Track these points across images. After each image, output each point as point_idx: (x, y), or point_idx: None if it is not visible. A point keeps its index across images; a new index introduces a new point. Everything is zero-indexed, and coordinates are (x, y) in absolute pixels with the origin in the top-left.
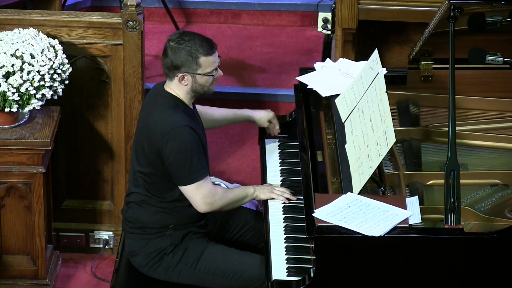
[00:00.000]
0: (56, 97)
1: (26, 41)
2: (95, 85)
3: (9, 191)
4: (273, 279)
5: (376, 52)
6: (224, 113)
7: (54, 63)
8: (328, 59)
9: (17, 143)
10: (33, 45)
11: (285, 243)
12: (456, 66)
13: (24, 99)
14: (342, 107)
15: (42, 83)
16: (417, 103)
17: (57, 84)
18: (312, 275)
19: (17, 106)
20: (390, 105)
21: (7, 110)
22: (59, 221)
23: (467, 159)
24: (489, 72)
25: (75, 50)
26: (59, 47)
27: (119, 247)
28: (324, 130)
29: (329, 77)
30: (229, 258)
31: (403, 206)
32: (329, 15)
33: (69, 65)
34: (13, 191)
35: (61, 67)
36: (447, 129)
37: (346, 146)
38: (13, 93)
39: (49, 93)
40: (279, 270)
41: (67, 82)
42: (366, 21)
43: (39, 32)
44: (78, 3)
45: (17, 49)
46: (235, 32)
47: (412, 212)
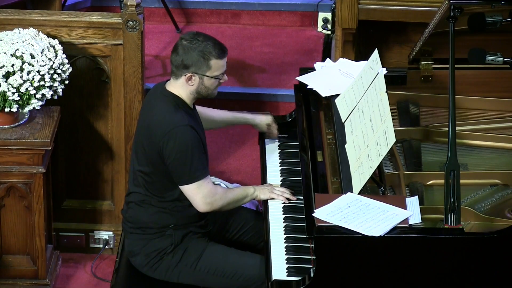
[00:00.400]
0: (56, 97)
1: (26, 41)
2: (95, 85)
3: (9, 191)
4: (273, 279)
5: (376, 52)
6: (223, 115)
7: (54, 63)
8: (328, 59)
9: (17, 143)
10: (33, 45)
11: (285, 243)
12: (456, 66)
13: (24, 99)
14: (342, 107)
15: (42, 83)
16: (417, 103)
17: (57, 84)
18: (312, 275)
19: (17, 106)
20: (390, 105)
21: (7, 110)
22: (59, 221)
23: (467, 159)
24: (489, 72)
25: (75, 50)
26: (59, 47)
27: (119, 247)
28: (324, 130)
29: (329, 77)
30: (229, 258)
31: (403, 206)
32: (329, 15)
33: (69, 65)
34: (13, 191)
35: (61, 67)
36: (447, 129)
37: (346, 146)
38: (13, 93)
39: (49, 93)
40: (279, 270)
41: (67, 82)
42: (366, 21)
43: (39, 32)
44: (78, 3)
45: (17, 49)
46: (235, 32)
47: (412, 212)
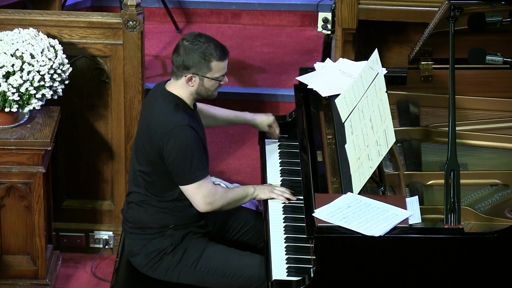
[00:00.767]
0: (56, 97)
1: (26, 41)
2: (95, 85)
3: (9, 191)
4: (273, 279)
5: (376, 52)
6: (225, 113)
7: (54, 63)
8: (328, 59)
9: (17, 143)
10: (33, 45)
11: (285, 243)
12: (456, 66)
13: (24, 99)
14: (342, 107)
15: (42, 83)
16: (417, 103)
17: (57, 84)
18: (312, 275)
19: (17, 106)
20: (390, 105)
21: (7, 110)
22: (59, 221)
23: (467, 159)
24: (489, 72)
25: (75, 50)
26: (59, 47)
27: (119, 247)
28: (324, 130)
29: (329, 77)
30: (229, 258)
31: (403, 206)
32: (329, 15)
33: (69, 65)
34: (13, 191)
35: (61, 67)
36: (447, 129)
37: (346, 146)
38: (13, 93)
39: (49, 93)
40: (279, 270)
41: (67, 82)
42: (366, 21)
43: (39, 32)
44: (78, 3)
45: (17, 49)
46: (235, 32)
47: (412, 212)
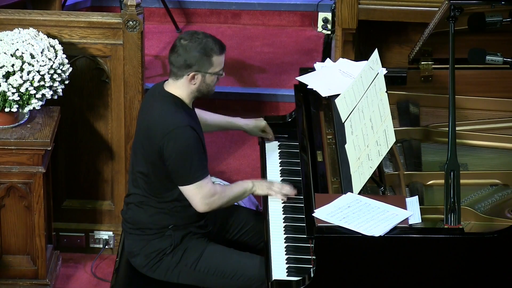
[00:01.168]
0: (56, 97)
1: (26, 41)
2: (95, 85)
3: (9, 191)
4: (273, 279)
5: (376, 52)
6: (217, 119)
7: (54, 63)
8: (328, 59)
9: (17, 143)
10: (33, 45)
11: (285, 243)
12: (456, 66)
13: (24, 99)
14: (342, 107)
15: (42, 83)
16: (417, 103)
17: (57, 84)
18: (312, 275)
19: (17, 106)
20: (390, 105)
21: (7, 110)
22: (59, 221)
23: (467, 159)
24: (489, 72)
25: (75, 50)
26: (59, 47)
27: (119, 247)
28: (324, 130)
29: (329, 77)
30: (229, 258)
31: (403, 206)
32: (329, 15)
33: (69, 65)
34: (13, 191)
35: (61, 67)
36: (447, 129)
37: (346, 146)
38: (13, 93)
39: (49, 93)
40: (279, 270)
41: (67, 82)
42: (366, 21)
43: (39, 32)
44: (78, 3)
45: (17, 49)
46: (235, 32)
47: (412, 212)
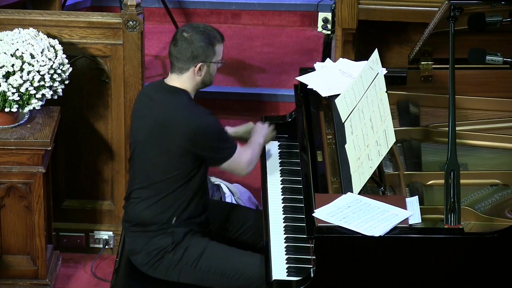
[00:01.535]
0: (56, 97)
1: (26, 41)
2: (95, 85)
3: (9, 191)
4: (273, 279)
5: (376, 52)
6: None
7: (54, 63)
8: (328, 59)
9: (17, 143)
10: (33, 45)
11: (285, 243)
12: (456, 66)
13: (24, 99)
14: (342, 107)
15: (42, 83)
16: (417, 103)
17: (57, 84)
18: (312, 275)
19: (17, 106)
20: (390, 105)
21: (7, 110)
22: (59, 221)
23: (467, 159)
24: (489, 72)
25: (75, 50)
26: (59, 47)
27: (119, 247)
28: (324, 130)
29: (329, 77)
30: (230, 257)
31: (403, 206)
32: (329, 15)
33: (69, 65)
34: (13, 191)
35: (61, 67)
36: (447, 129)
37: (346, 146)
38: (13, 93)
39: (49, 93)
40: (279, 270)
41: (67, 82)
42: (366, 21)
43: (39, 32)
44: (78, 3)
45: (17, 49)
46: (235, 32)
47: (412, 212)
